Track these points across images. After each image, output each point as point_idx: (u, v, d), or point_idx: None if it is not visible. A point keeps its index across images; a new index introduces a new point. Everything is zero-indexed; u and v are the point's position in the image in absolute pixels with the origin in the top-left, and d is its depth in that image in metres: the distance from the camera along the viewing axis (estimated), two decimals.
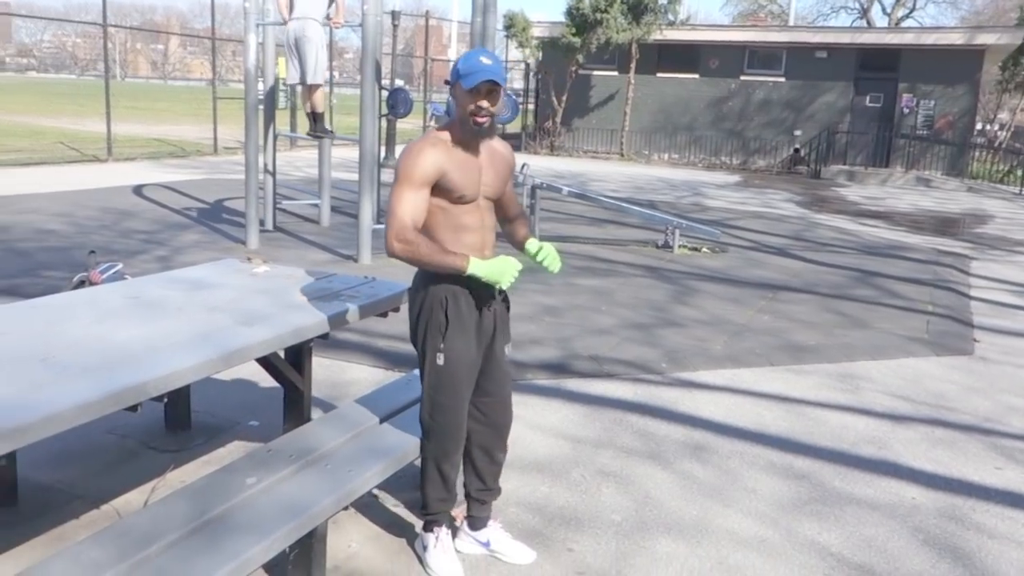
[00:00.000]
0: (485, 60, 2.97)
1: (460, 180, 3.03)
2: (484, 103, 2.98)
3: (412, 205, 2.98)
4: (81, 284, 4.82)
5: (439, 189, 3.02)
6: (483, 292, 3.14)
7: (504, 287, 3.06)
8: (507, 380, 3.35)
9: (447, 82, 3.09)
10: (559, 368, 5.68)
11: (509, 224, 3.43)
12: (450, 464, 3.24)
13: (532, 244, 3.33)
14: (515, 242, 3.44)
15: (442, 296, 3.08)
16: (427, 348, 3.14)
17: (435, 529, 3.31)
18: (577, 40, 24.28)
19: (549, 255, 3.27)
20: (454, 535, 3.44)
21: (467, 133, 3.04)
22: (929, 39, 22.98)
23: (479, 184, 3.09)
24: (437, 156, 3.01)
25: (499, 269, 3.02)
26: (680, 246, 10.37)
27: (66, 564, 2.40)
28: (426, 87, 31.24)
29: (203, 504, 2.78)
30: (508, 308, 3.35)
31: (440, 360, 3.10)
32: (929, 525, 3.83)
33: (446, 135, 3.07)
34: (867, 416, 5.14)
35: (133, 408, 2.70)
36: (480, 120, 2.99)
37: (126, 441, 4.27)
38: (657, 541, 3.57)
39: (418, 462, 3.85)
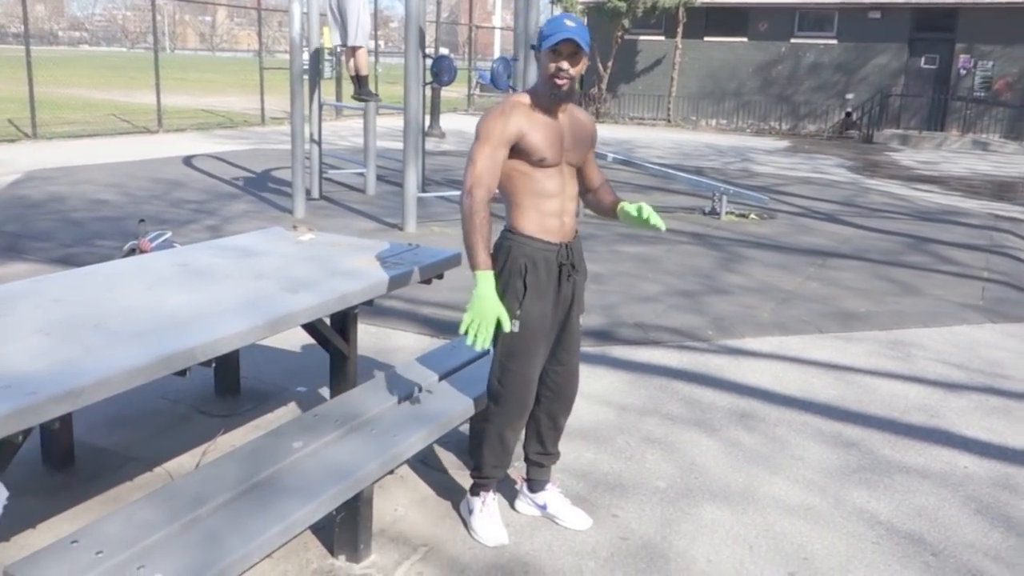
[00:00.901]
0: (568, 23, 2.95)
1: (540, 142, 3.01)
2: (565, 64, 2.95)
3: (487, 165, 2.98)
4: (132, 252, 4.91)
5: (519, 151, 3.02)
6: (568, 259, 3.14)
7: (464, 328, 2.91)
8: (578, 349, 3.35)
9: (533, 47, 3.06)
10: (604, 335, 5.66)
11: (593, 193, 3.37)
12: (512, 431, 3.25)
13: (629, 207, 3.17)
14: (603, 210, 3.34)
15: (521, 263, 3.07)
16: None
17: (483, 493, 3.33)
18: (623, 5, 23.98)
19: (651, 213, 3.13)
20: (514, 496, 3.48)
21: (547, 97, 3.03)
22: None
23: (561, 149, 3.07)
24: (517, 118, 3.01)
25: (485, 309, 2.91)
26: (727, 212, 10.26)
27: (120, 524, 2.46)
28: (471, 55, 31.14)
29: (252, 467, 2.82)
30: (585, 277, 3.34)
31: (516, 326, 3.09)
32: (982, 494, 3.77)
33: (527, 98, 3.07)
34: (919, 384, 5.06)
35: (182, 373, 2.75)
36: (560, 82, 2.97)
37: (178, 406, 4.35)
38: (702, 508, 3.56)
39: (464, 427, 3.89)
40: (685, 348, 5.54)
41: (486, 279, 2.94)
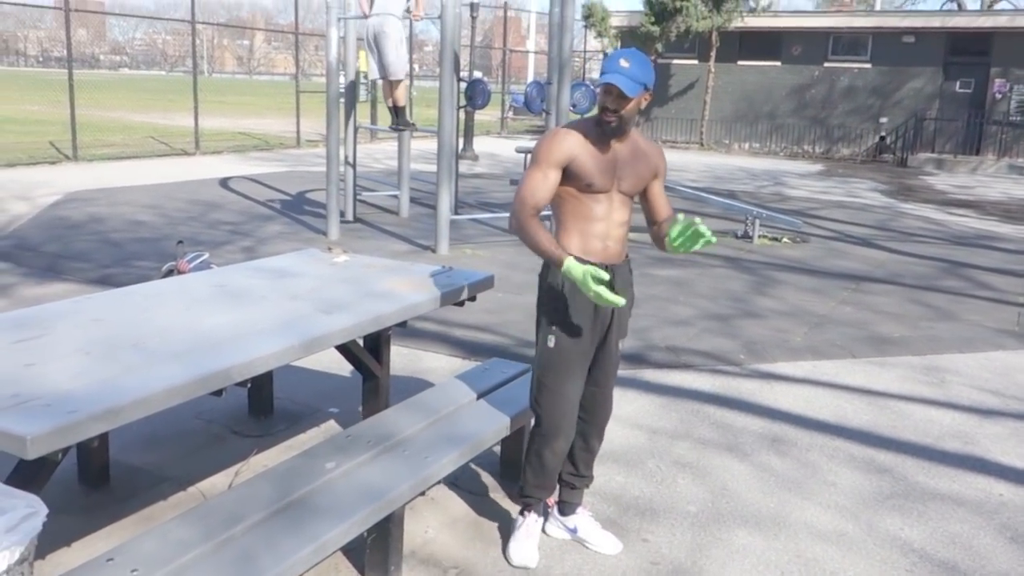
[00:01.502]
0: (623, 63, 2.98)
1: (590, 168, 3.06)
2: (611, 104, 3.01)
3: (536, 186, 3.05)
4: (170, 273, 4.99)
5: (570, 176, 3.08)
6: (610, 282, 3.12)
7: (589, 295, 2.92)
8: (614, 372, 3.37)
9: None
10: (636, 359, 5.66)
11: (657, 226, 3.35)
12: (551, 451, 3.24)
13: (674, 225, 2.99)
14: (660, 242, 3.26)
15: (561, 279, 3.11)
16: (540, 329, 3.20)
17: (525, 514, 3.36)
18: (656, 29, 24.05)
19: (695, 227, 2.92)
20: (545, 519, 3.48)
21: (598, 129, 3.09)
22: None
23: (613, 177, 3.12)
24: (570, 142, 3.07)
25: (586, 277, 2.88)
26: (760, 236, 10.22)
27: (155, 542, 2.49)
28: (504, 78, 31.33)
29: (285, 487, 2.85)
30: (632, 303, 3.36)
31: (551, 343, 3.13)
32: (1017, 522, 3.72)
33: (585, 125, 3.13)
34: (953, 410, 5.01)
35: (218, 392, 2.80)
36: (607, 119, 3.04)
37: (212, 426, 4.40)
38: (733, 533, 3.54)
39: (496, 449, 3.90)
40: (717, 372, 5.52)
41: (572, 264, 2.93)
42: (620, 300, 2.90)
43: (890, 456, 4.35)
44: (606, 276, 2.94)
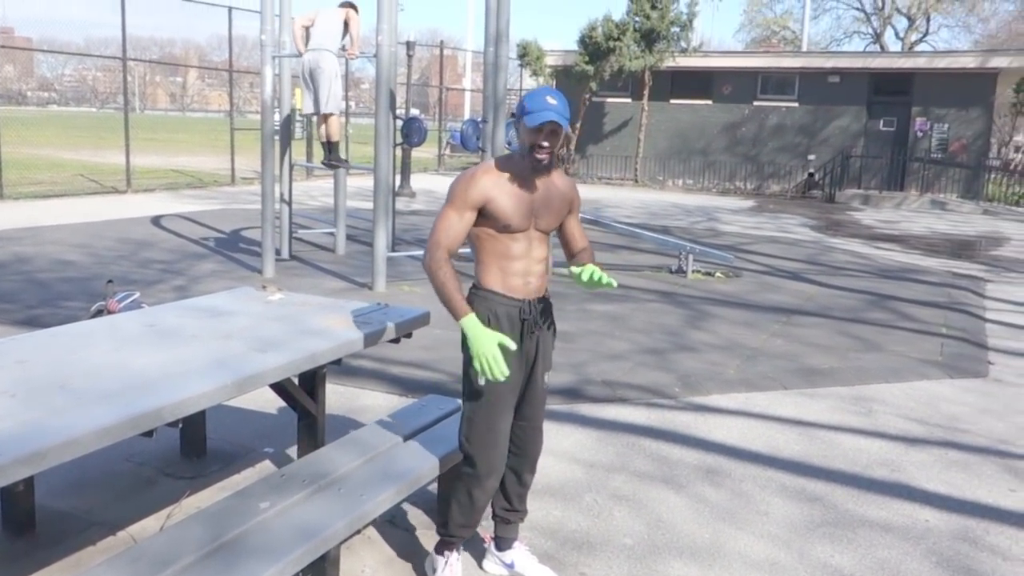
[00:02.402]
0: (551, 100, 3.03)
1: (507, 209, 3.08)
2: (545, 142, 3.05)
3: (450, 227, 3.07)
4: (99, 313, 4.90)
5: (486, 216, 3.09)
6: (533, 316, 3.20)
7: (476, 365, 2.98)
8: (542, 406, 3.38)
9: (512, 115, 3.17)
10: (573, 393, 5.70)
11: (573, 258, 3.42)
12: (481, 489, 3.22)
13: (576, 269, 3.20)
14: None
15: (485, 317, 3.12)
16: (469, 368, 3.17)
17: (446, 553, 3.33)
18: (590, 68, 24.46)
19: (596, 274, 3.14)
20: (481, 555, 3.47)
21: (524, 167, 3.12)
22: (942, 63, 23.00)
23: (530, 216, 3.14)
24: (486, 183, 3.08)
25: (482, 346, 2.96)
26: (694, 271, 10.39)
27: None
28: (441, 115, 31.48)
29: (217, 528, 2.81)
30: (554, 336, 3.39)
31: (481, 380, 3.12)
32: (943, 547, 3.82)
33: (501, 164, 3.16)
34: (881, 439, 5.14)
35: (148, 434, 2.75)
36: (540, 157, 3.07)
37: (142, 468, 4.31)
38: (669, 564, 3.58)
39: (432, 487, 3.89)
40: (653, 405, 5.58)
41: (472, 322, 3.00)
42: (503, 372, 2.95)
43: (821, 485, 4.44)
44: (512, 346, 3.01)
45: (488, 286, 3.17)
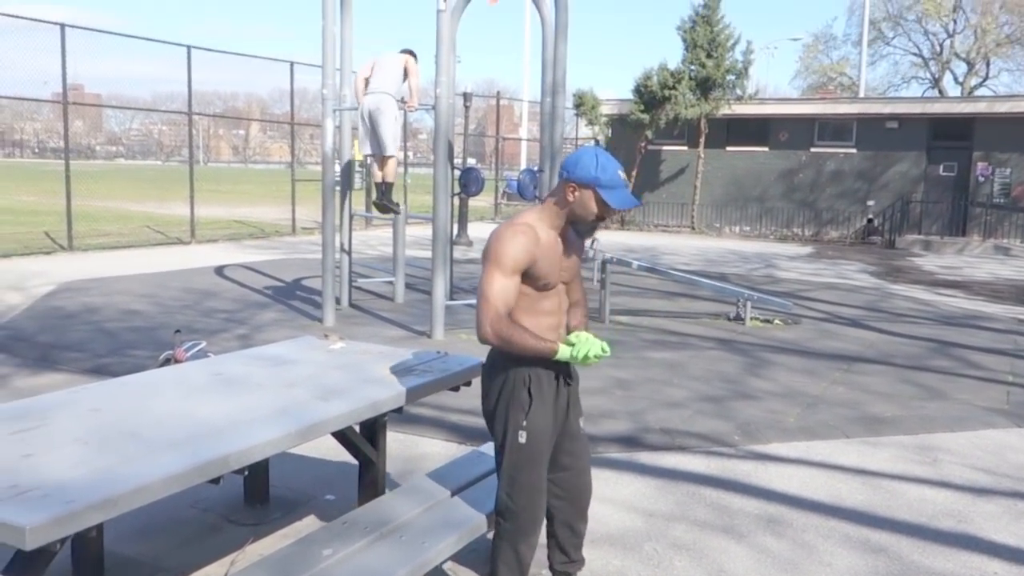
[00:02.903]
0: (622, 175, 3.09)
1: (546, 268, 3.11)
2: (604, 214, 3.10)
3: (504, 291, 3.04)
4: (167, 362, 5.03)
5: (527, 276, 3.10)
6: (563, 369, 3.23)
7: (589, 363, 3.09)
8: (585, 452, 3.39)
9: (564, 171, 3.10)
10: (631, 441, 5.67)
11: (569, 307, 3.37)
12: (527, 545, 3.21)
13: (572, 337, 3.19)
14: (568, 327, 3.36)
15: (525, 375, 3.15)
16: (508, 427, 3.16)
17: None
18: (646, 116, 24.58)
19: (581, 345, 3.11)
20: None
21: (563, 226, 3.15)
22: (1003, 107, 22.68)
23: (559, 271, 3.18)
24: (529, 244, 3.06)
25: (589, 350, 3.08)
26: (752, 318, 10.30)
27: None
28: (498, 165, 31.81)
29: (281, 575, 2.85)
30: (577, 382, 3.41)
31: (522, 438, 3.13)
32: None
33: (535, 220, 3.13)
34: (946, 489, 5.02)
35: (216, 480, 2.81)
36: (594, 224, 3.14)
37: (207, 515, 4.38)
38: None
39: (490, 535, 3.89)
40: (712, 454, 5.53)
41: (564, 349, 3.08)
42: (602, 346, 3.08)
43: (885, 535, 4.35)
44: (597, 351, 3.07)
45: None
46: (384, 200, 9.91)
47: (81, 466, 2.54)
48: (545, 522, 3.35)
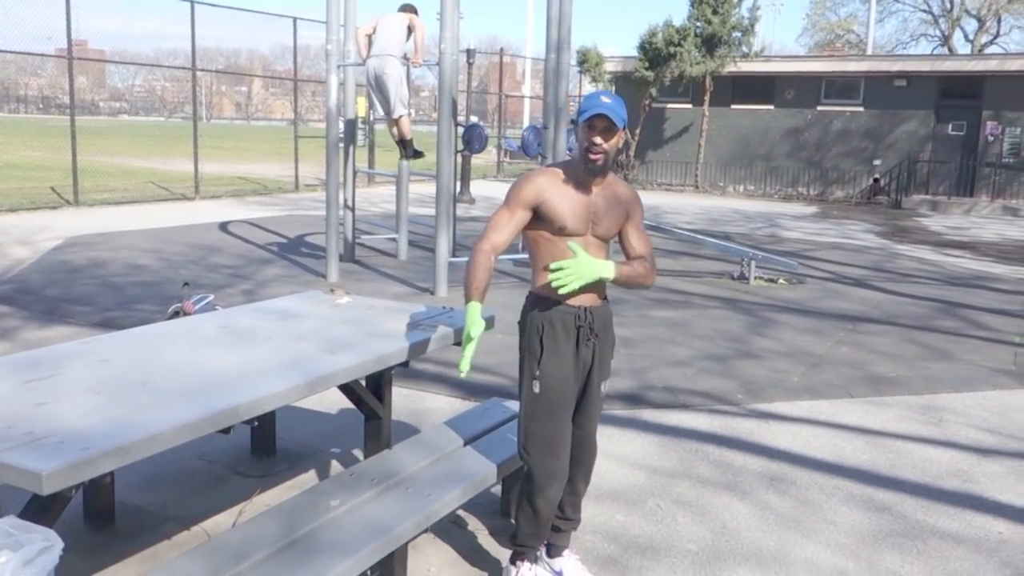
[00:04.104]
0: (604, 99, 3.04)
1: (562, 210, 3.08)
2: (598, 139, 3.03)
3: (500, 223, 3.12)
4: (176, 314, 5.04)
5: (541, 218, 3.10)
6: (588, 321, 3.17)
7: (463, 337, 3.06)
8: (596, 415, 3.36)
9: (572, 121, 3.18)
10: (635, 399, 5.70)
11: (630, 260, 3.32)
12: (543, 499, 3.20)
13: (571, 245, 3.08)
14: None
15: (539, 323, 3.15)
16: (523, 375, 3.20)
17: (518, 563, 3.34)
18: (650, 74, 24.38)
19: (562, 272, 2.97)
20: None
21: (581, 169, 3.11)
22: (1014, 65, 22.44)
23: (587, 221, 3.13)
24: (541, 183, 3.10)
25: (469, 319, 3.06)
26: (756, 278, 10.30)
27: None
28: (500, 123, 31.62)
29: (290, 524, 2.89)
30: (613, 344, 3.37)
31: (536, 387, 3.13)
32: (1017, 560, 3.74)
33: (561, 168, 3.18)
34: (951, 449, 5.05)
35: (226, 431, 2.84)
36: (594, 157, 3.05)
37: (214, 466, 4.43)
38: (734, 571, 3.57)
39: (495, 489, 3.93)
40: (715, 412, 5.56)
41: (473, 308, 3.06)
42: (464, 366, 3.04)
43: (889, 494, 4.38)
44: (475, 334, 3.02)
45: (543, 292, 3.17)
46: (408, 154, 10.01)
47: (94, 415, 2.56)
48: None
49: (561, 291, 3.02)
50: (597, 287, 3.21)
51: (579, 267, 2.99)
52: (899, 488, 4.46)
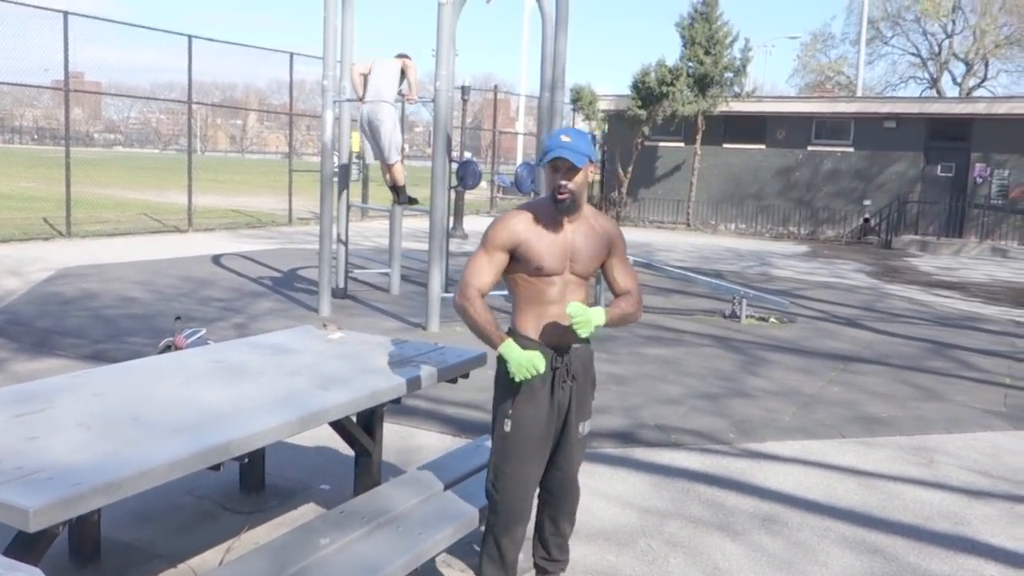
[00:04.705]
0: (564, 138, 3.05)
1: (538, 251, 3.08)
2: (562, 181, 3.04)
3: (481, 267, 3.12)
4: (167, 348, 5.03)
5: (518, 259, 3.11)
6: (566, 363, 3.15)
7: (516, 378, 3.04)
8: (576, 457, 3.30)
9: (539, 161, 3.23)
10: (626, 437, 5.68)
11: (616, 298, 3.36)
12: (510, 539, 3.18)
13: (573, 308, 3.10)
14: None
15: None
16: (496, 414, 3.17)
17: None
18: (643, 112, 24.57)
19: (579, 319, 3.04)
20: None
21: (552, 208, 3.11)
22: (1002, 108, 22.70)
23: (564, 259, 3.13)
24: (517, 225, 3.10)
25: (522, 361, 3.01)
26: (747, 316, 10.32)
27: None
28: (494, 159, 31.78)
29: (279, 563, 2.86)
30: (593, 387, 3.34)
31: (507, 427, 3.11)
32: None
33: (534, 207, 3.17)
34: (943, 490, 5.04)
35: (216, 467, 2.82)
36: (560, 196, 3.06)
37: (203, 502, 4.39)
38: None
39: (483, 528, 3.89)
40: (707, 451, 5.54)
41: (509, 346, 3.05)
42: (539, 368, 3.00)
43: (881, 536, 4.37)
44: (541, 368, 3.00)
45: (522, 331, 3.17)
46: (400, 201, 10.03)
47: (85, 450, 2.54)
48: (533, 516, 3.34)
49: (581, 334, 3.04)
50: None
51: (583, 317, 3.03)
52: (891, 530, 4.45)
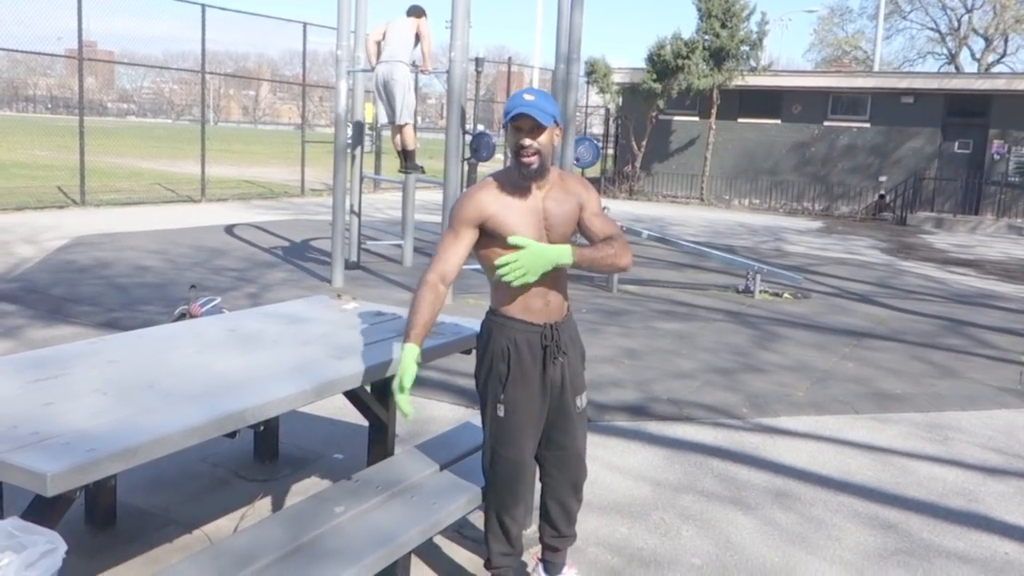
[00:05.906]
0: (527, 96, 2.82)
1: (509, 222, 2.87)
2: (526, 140, 2.82)
3: (446, 249, 2.94)
4: (182, 316, 5.04)
5: (490, 234, 2.91)
6: (555, 338, 3.01)
7: (394, 386, 2.92)
8: (579, 433, 3.20)
9: (503, 125, 2.92)
10: (639, 411, 5.68)
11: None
12: (511, 517, 3.15)
13: (514, 239, 2.87)
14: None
15: (504, 345, 3.00)
16: (487, 398, 3.07)
17: None
18: (658, 86, 24.39)
19: (510, 263, 2.82)
20: None
21: (516, 174, 2.90)
22: (1021, 84, 22.44)
23: (539, 227, 2.93)
24: (482, 199, 2.90)
25: (400, 373, 2.89)
26: (761, 291, 10.28)
27: None
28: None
29: (295, 530, 2.87)
30: (583, 358, 3.21)
31: (500, 411, 3.02)
32: None
33: (500, 178, 2.95)
34: (957, 467, 5.02)
35: (232, 435, 2.82)
36: (526, 160, 2.84)
37: (217, 470, 4.41)
38: None
39: None
40: (720, 425, 5.53)
41: (409, 351, 2.89)
42: (407, 410, 2.85)
43: (895, 512, 4.35)
44: (408, 383, 2.87)
45: (504, 311, 3.00)
46: (409, 167, 9.96)
47: (101, 416, 2.54)
48: (538, 494, 3.32)
49: (514, 284, 2.83)
50: (559, 300, 3.06)
51: (528, 257, 2.81)
52: (905, 506, 4.43)
